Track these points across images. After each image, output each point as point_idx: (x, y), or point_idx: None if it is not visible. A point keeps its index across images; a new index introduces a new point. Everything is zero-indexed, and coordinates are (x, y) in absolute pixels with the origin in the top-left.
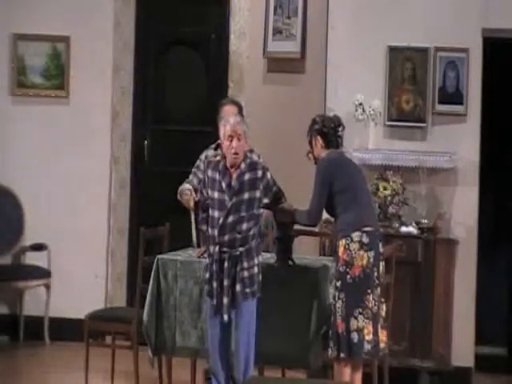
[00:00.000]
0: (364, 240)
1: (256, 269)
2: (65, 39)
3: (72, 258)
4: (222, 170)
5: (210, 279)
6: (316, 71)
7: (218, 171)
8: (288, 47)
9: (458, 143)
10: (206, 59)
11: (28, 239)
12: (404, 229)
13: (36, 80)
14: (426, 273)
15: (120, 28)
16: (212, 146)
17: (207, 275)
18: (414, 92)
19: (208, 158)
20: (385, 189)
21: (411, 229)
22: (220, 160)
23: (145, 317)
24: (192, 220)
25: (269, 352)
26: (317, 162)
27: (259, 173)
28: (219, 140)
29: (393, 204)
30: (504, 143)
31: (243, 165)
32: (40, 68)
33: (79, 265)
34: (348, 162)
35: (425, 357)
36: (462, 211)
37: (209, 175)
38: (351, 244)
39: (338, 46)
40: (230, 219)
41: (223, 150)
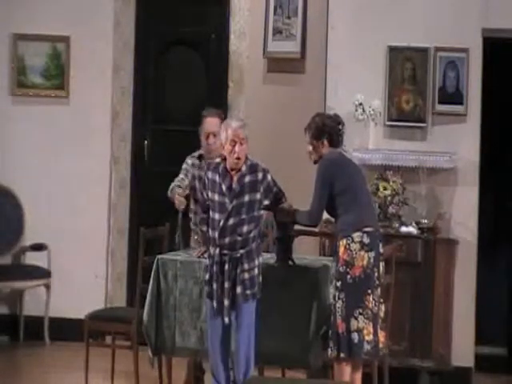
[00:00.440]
0: (365, 240)
1: (256, 270)
2: (65, 39)
3: (72, 258)
4: (223, 173)
5: (211, 281)
6: (316, 71)
7: (218, 173)
8: (288, 47)
9: (458, 143)
10: (206, 59)
11: (28, 239)
12: (404, 229)
13: (36, 80)
14: (426, 273)
15: (120, 28)
16: (195, 155)
17: (207, 277)
18: (414, 92)
19: (195, 165)
20: (385, 189)
21: (411, 229)
22: (220, 162)
23: (145, 317)
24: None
25: (269, 352)
26: (318, 162)
27: (260, 175)
28: (201, 150)
29: (393, 204)
30: (504, 143)
31: (244, 167)
32: (40, 68)
33: (79, 265)
34: (348, 162)
35: (425, 357)
36: (462, 211)
37: (209, 177)
38: (352, 244)
39: (338, 46)
40: (231, 222)
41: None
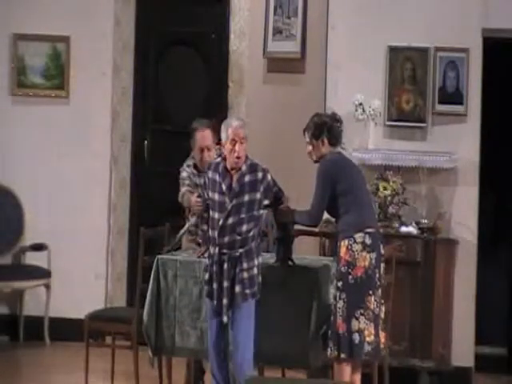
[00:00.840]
0: (367, 241)
1: (256, 270)
2: (65, 39)
3: (72, 258)
4: (223, 172)
5: (210, 280)
6: (316, 71)
7: (218, 173)
8: (288, 47)
9: (458, 143)
10: (206, 59)
11: (28, 239)
12: (404, 229)
13: (36, 80)
14: (426, 273)
15: (120, 28)
16: (190, 164)
17: (207, 276)
18: (414, 92)
19: (194, 174)
20: (385, 189)
21: (411, 229)
22: (220, 161)
23: (145, 316)
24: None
25: (269, 352)
26: (319, 161)
27: (259, 175)
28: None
29: (393, 204)
30: (504, 143)
31: (244, 167)
32: (40, 68)
33: (79, 265)
34: (348, 163)
35: (425, 357)
36: (462, 211)
37: (209, 176)
38: (354, 245)
39: (338, 46)
40: (230, 221)
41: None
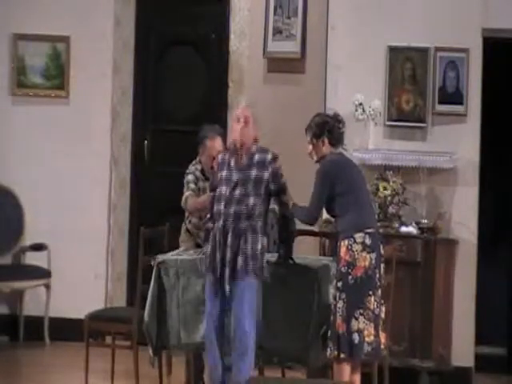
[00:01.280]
0: (367, 241)
1: (260, 248)
2: (65, 39)
3: (72, 258)
4: (232, 151)
5: (213, 252)
6: (316, 71)
7: (229, 153)
8: (288, 47)
9: (458, 143)
10: (206, 59)
11: (28, 239)
12: (404, 229)
13: (36, 80)
14: (426, 273)
15: (120, 28)
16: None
17: (209, 249)
18: (414, 92)
19: (200, 179)
20: (385, 189)
21: (411, 229)
22: (230, 146)
23: (146, 316)
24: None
25: (269, 352)
26: (319, 161)
27: (269, 157)
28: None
29: (393, 204)
30: (504, 143)
31: (254, 147)
32: (40, 68)
33: (79, 265)
34: (349, 164)
35: (425, 357)
36: (462, 211)
37: (219, 159)
38: (354, 245)
39: (338, 46)
40: (237, 192)
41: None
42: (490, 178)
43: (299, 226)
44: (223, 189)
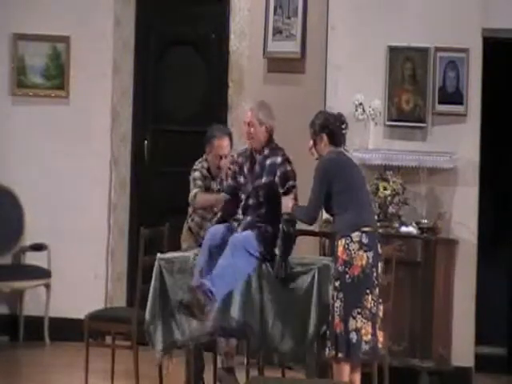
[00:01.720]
0: (364, 240)
1: (270, 230)
2: (65, 39)
3: (72, 258)
4: (247, 156)
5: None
6: (316, 71)
7: (245, 157)
8: (288, 47)
9: (458, 143)
10: (206, 59)
11: (28, 239)
12: (404, 229)
13: (36, 80)
14: (426, 273)
15: (120, 28)
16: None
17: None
18: (414, 92)
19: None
20: (385, 189)
21: (411, 229)
22: (247, 147)
23: (147, 315)
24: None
25: (269, 352)
26: (319, 159)
27: (279, 159)
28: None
29: (393, 204)
30: (504, 143)
31: (266, 150)
32: (40, 68)
33: (79, 265)
34: (348, 162)
35: (425, 357)
36: (462, 211)
37: (237, 161)
38: (351, 244)
39: (338, 46)
40: (250, 202)
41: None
42: (490, 178)
43: (299, 226)
44: (242, 196)
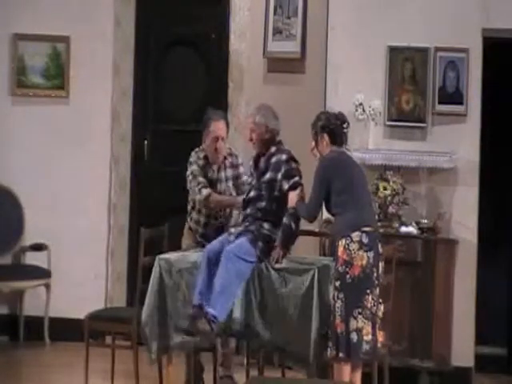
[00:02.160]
0: (364, 240)
1: (267, 228)
2: (65, 39)
3: (72, 258)
4: (255, 157)
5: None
6: (316, 71)
7: (253, 160)
8: (288, 47)
9: (458, 143)
10: (206, 59)
11: (28, 239)
12: (404, 229)
13: (36, 80)
14: (426, 273)
15: (120, 28)
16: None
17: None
18: (414, 92)
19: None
20: (385, 189)
21: (411, 229)
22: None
23: (144, 316)
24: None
25: (269, 352)
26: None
27: (284, 157)
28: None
29: (393, 204)
30: (504, 143)
31: (273, 149)
32: (40, 68)
33: (79, 265)
34: (349, 162)
35: (425, 357)
36: (462, 211)
37: (250, 164)
38: (351, 244)
39: (338, 46)
40: (252, 194)
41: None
42: (490, 178)
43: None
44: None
